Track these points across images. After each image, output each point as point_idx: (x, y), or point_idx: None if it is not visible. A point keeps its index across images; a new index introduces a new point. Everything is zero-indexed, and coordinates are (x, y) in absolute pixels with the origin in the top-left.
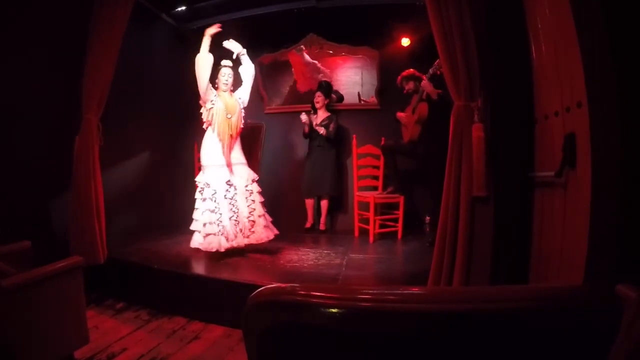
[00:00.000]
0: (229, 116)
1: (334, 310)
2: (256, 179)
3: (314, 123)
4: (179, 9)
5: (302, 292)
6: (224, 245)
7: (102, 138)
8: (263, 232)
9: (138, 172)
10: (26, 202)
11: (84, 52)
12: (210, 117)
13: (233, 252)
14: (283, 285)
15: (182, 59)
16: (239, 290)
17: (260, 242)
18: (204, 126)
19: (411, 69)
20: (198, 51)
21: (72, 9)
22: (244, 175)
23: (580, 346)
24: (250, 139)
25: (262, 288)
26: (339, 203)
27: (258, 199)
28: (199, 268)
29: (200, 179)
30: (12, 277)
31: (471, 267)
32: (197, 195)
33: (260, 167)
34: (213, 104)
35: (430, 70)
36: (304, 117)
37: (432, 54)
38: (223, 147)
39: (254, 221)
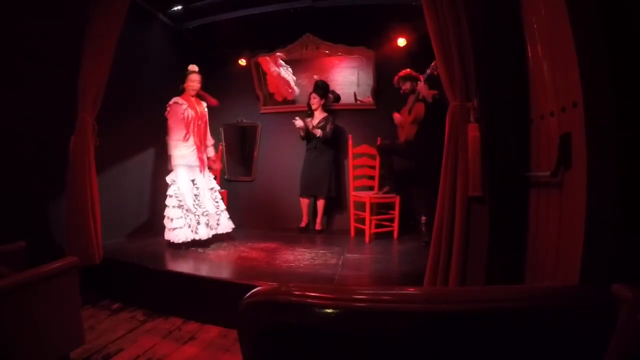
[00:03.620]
0: (199, 123)
1: (329, 310)
2: (213, 177)
3: (311, 126)
4: (175, 8)
5: (298, 293)
6: (189, 237)
7: (98, 138)
8: (228, 223)
9: (134, 171)
10: (21, 202)
11: (79, 51)
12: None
13: (199, 244)
14: (278, 285)
15: (179, 58)
16: (234, 291)
17: (225, 231)
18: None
19: (408, 69)
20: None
21: (68, 7)
22: (206, 175)
23: (576, 346)
24: (246, 139)
25: (258, 288)
26: (335, 203)
27: (219, 196)
28: (195, 268)
29: (174, 178)
30: (7, 278)
31: (467, 267)
32: (170, 192)
33: (256, 167)
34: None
35: (428, 71)
36: (298, 122)
37: (428, 54)
38: (193, 150)
39: (219, 215)
